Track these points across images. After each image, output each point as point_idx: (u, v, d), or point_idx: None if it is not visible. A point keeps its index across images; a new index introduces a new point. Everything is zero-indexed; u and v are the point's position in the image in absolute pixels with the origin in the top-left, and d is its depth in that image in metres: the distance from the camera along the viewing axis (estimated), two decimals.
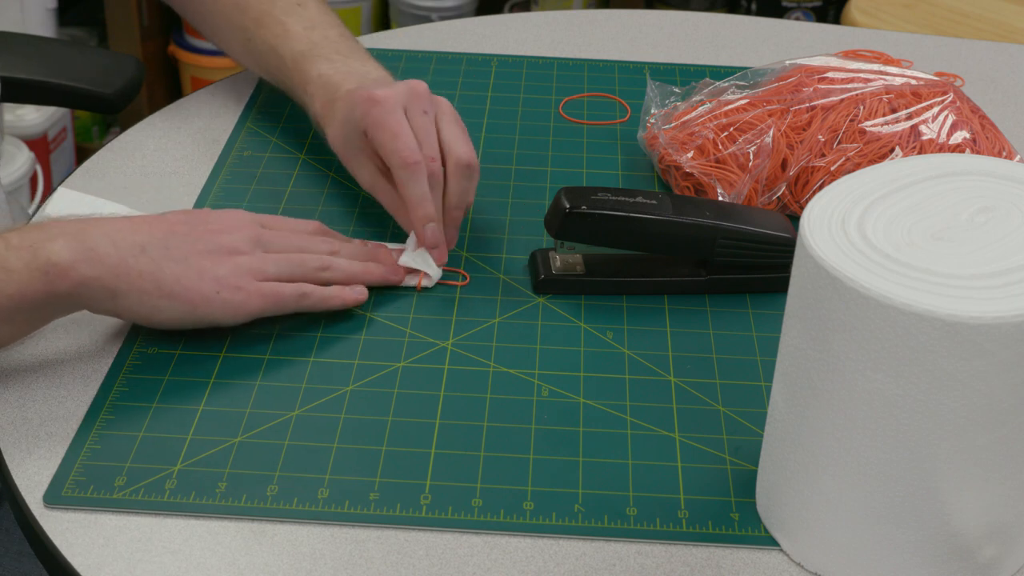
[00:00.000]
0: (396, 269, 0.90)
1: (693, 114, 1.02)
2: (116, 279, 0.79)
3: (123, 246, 0.79)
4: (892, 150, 0.98)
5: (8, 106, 2.03)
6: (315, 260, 0.86)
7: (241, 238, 0.84)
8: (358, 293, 0.87)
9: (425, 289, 0.90)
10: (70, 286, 0.78)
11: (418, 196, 0.88)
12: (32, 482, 0.74)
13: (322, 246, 0.88)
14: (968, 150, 0.98)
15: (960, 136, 0.98)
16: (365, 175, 0.94)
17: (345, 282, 0.87)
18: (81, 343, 0.84)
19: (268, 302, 0.83)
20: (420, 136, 0.90)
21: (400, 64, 1.19)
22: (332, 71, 0.98)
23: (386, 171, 0.92)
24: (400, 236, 0.94)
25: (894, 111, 0.99)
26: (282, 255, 0.85)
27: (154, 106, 2.30)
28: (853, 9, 1.79)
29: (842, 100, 0.99)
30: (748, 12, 2.40)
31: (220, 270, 0.82)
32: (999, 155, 1.00)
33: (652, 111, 1.06)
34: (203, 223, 0.84)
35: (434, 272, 0.90)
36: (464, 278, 0.92)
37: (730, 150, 0.98)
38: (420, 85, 0.92)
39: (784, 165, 0.98)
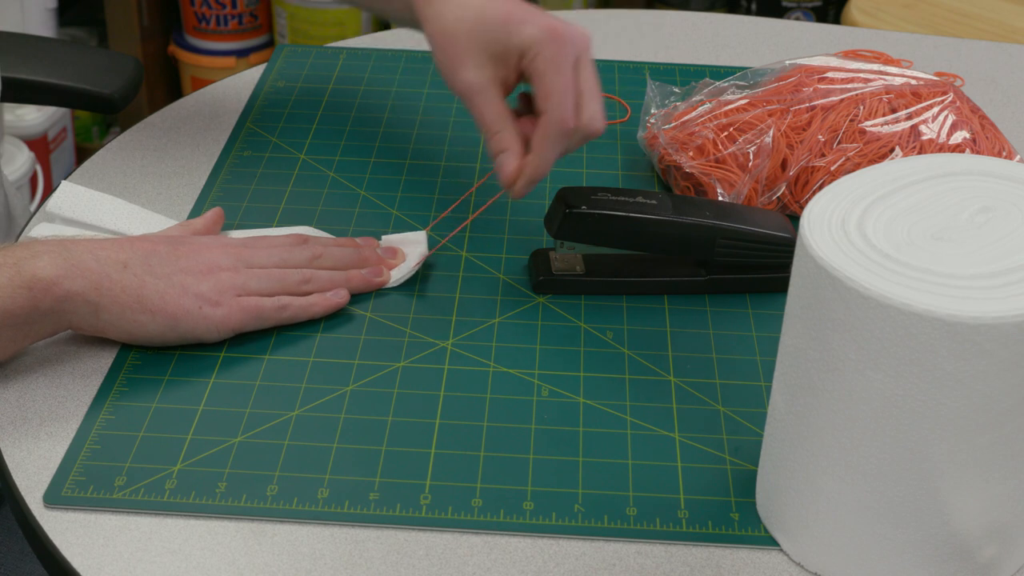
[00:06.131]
0: (377, 271, 0.90)
1: (693, 114, 1.02)
2: (98, 293, 0.79)
3: (106, 262, 0.80)
4: (892, 150, 0.98)
5: (8, 106, 2.03)
6: (297, 275, 0.86)
7: (223, 255, 0.85)
8: (339, 298, 0.87)
9: (395, 286, 0.90)
10: (53, 301, 0.78)
11: (550, 157, 0.86)
12: (32, 482, 0.74)
13: (304, 254, 0.88)
14: (968, 150, 0.98)
15: (960, 136, 0.98)
16: (472, 76, 0.86)
17: (327, 291, 0.87)
18: (81, 343, 0.84)
19: (249, 316, 0.84)
20: (577, 98, 0.85)
21: (400, 64, 1.19)
22: None
23: (505, 79, 0.87)
24: (400, 226, 0.94)
25: (894, 111, 0.99)
26: (264, 270, 0.85)
27: (154, 106, 2.30)
28: (853, 9, 1.79)
29: (842, 100, 0.99)
30: (748, 12, 2.40)
31: (202, 286, 0.82)
32: (999, 155, 1.00)
33: (652, 111, 1.06)
34: (184, 243, 0.85)
35: (398, 274, 0.90)
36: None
37: (730, 150, 0.98)
38: (587, 39, 0.86)
39: (784, 165, 0.98)
